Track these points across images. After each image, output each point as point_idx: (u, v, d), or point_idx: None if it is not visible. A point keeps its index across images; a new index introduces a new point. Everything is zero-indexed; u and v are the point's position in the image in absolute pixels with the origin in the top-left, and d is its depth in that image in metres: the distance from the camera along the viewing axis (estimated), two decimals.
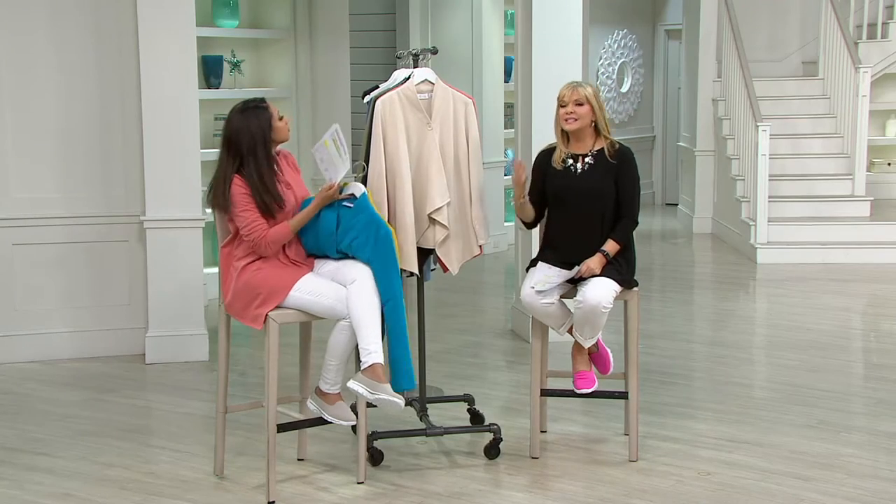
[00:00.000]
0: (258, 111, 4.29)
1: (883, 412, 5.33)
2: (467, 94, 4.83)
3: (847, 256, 9.26)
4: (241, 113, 4.29)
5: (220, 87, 7.99)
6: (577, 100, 4.59)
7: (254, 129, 4.26)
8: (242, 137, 4.26)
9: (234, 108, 4.33)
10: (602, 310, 4.49)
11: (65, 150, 6.25)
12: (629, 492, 4.34)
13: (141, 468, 4.64)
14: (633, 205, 4.65)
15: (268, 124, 4.29)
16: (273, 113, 4.32)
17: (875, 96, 10.57)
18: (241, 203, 4.25)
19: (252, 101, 4.34)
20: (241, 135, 4.26)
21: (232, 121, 4.30)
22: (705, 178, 11.15)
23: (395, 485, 4.42)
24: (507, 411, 5.32)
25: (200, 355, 6.29)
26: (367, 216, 4.33)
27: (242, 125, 4.27)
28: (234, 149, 4.28)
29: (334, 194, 4.31)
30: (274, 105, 4.38)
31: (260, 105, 4.32)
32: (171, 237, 6.22)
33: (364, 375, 4.20)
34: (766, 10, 11.51)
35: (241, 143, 4.26)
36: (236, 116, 4.30)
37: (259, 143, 4.27)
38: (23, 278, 6.26)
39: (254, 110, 4.29)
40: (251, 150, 4.26)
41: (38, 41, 6.15)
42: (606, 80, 12.91)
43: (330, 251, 4.39)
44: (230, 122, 4.31)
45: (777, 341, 6.82)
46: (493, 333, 7.04)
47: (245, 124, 4.27)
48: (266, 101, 4.35)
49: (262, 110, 4.30)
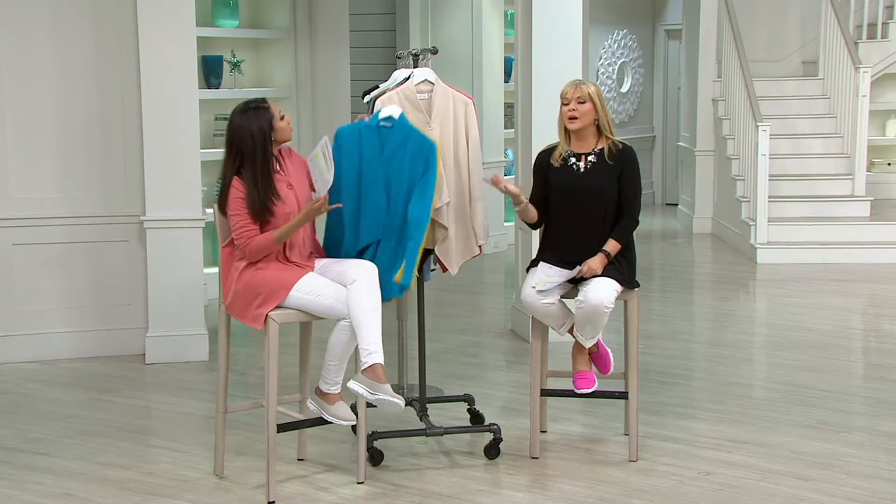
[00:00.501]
0: (259, 111, 4.29)
1: (883, 412, 5.33)
2: (467, 95, 4.83)
3: (847, 256, 9.25)
4: (242, 114, 4.29)
5: (220, 87, 7.99)
6: (580, 97, 4.59)
7: (254, 130, 4.25)
8: (242, 139, 4.25)
9: (235, 109, 4.33)
10: (604, 310, 4.49)
11: (65, 150, 6.25)
12: (629, 492, 4.34)
13: (141, 468, 4.64)
14: (634, 204, 4.65)
15: (268, 125, 4.28)
16: (274, 113, 4.31)
17: (875, 96, 10.57)
18: (233, 206, 4.25)
19: (253, 101, 4.34)
20: (241, 136, 4.26)
21: (233, 122, 4.30)
22: (705, 178, 11.15)
23: (395, 485, 4.42)
24: (507, 411, 5.32)
25: (200, 355, 6.29)
26: (406, 132, 4.50)
27: (243, 126, 4.26)
28: (234, 150, 4.28)
29: (321, 208, 4.26)
30: (276, 105, 4.38)
31: (261, 105, 4.31)
32: (171, 237, 6.22)
33: (364, 376, 4.20)
34: (766, 10, 11.51)
35: (241, 144, 4.26)
36: (237, 117, 4.29)
37: (258, 144, 4.25)
38: (23, 278, 6.26)
39: (254, 111, 4.29)
40: (250, 152, 4.25)
41: (38, 41, 6.15)
42: (606, 80, 12.91)
43: (377, 173, 4.46)
44: (231, 123, 4.31)
45: (777, 341, 6.82)
46: (493, 333, 7.03)
47: (245, 125, 4.26)
48: (267, 101, 4.34)
49: (263, 111, 4.29)
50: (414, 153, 4.52)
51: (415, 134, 4.54)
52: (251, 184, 4.24)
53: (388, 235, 4.53)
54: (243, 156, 4.26)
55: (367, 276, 4.26)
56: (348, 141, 4.57)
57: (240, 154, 4.26)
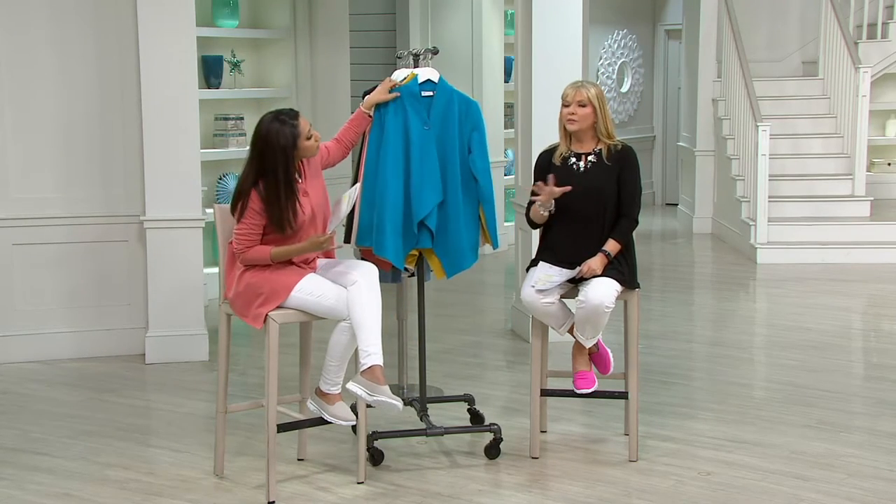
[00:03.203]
0: (286, 126, 4.19)
1: (883, 412, 5.33)
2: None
3: (847, 256, 9.25)
4: (271, 122, 4.21)
5: (220, 87, 7.98)
6: (580, 101, 4.59)
7: (278, 142, 4.16)
8: (266, 152, 4.18)
9: (266, 115, 4.25)
10: (604, 309, 4.49)
11: (65, 150, 6.25)
12: (629, 492, 4.34)
13: (141, 468, 4.64)
14: (633, 204, 4.65)
15: (293, 142, 4.18)
16: (302, 131, 4.22)
17: (875, 96, 10.57)
18: (246, 215, 4.22)
19: (285, 112, 4.26)
20: (265, 148, 4.18)
21: (261, 128, 4.22)
22: (705, 178, 11.15)
23: (395, 485, 4.42)
24: (507, 411, 5.32)
25: (200, 355, 6.29)
26: (449, 95, 4.67)
27: (270, 136, 4.18)
28: (257, 158, 4.22)
29: (323, 245, 4.23)
30: (307, 120, 4.28)
31: (290, 120, 4.22)
32: (171, 237, 6.22)
33: (363, 377, 4.21)
34: (766, 10, 11.51)
35: (264, 157, 4.19)
36: (265, 125, 4.21)
37: (280, 162, 4.18)
38: (23, 278, 6.26)
39: (283, 124, 4.19)
40: (272, 168, 4.18)
41: (39, 41, 6.15)
42: (606, 80, 12.91)
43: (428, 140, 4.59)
44: (258, 131, 4.23)
45: (777, 341, 6.82)
46: (493, 333, 7.04)
47: (273, 137, 4.17)
48: (298, 117, 4.25)
49: (292, 127, 4.20)
50: (461, 114, 4.66)
51: (458, 95, 4.69)
52: (273, 197, 4.18)
53: (452, 196, 4.65)
54: (265, 166, 4.20)
55: (366, 277, 4.26)
56: (393, 113, 4.60)
57: (262, 164, 4.20)
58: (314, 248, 4.26)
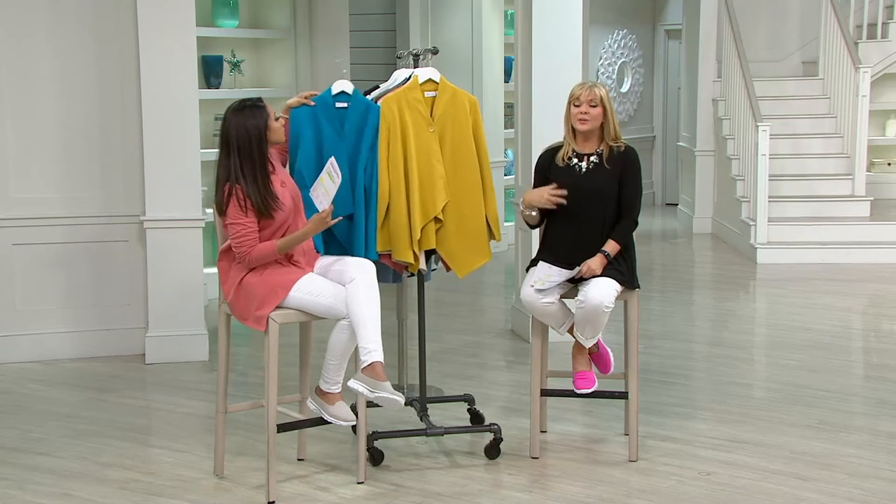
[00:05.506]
0: (255, 111, 4.26)
1: (883, 412, 5.34)
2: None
3: (847, 256, 9.26)
4: (237, 112, 4.27)
5: (220, 87, 7.99)
6: (592, 101, 4.60)
7: (250, 129, 4.23)
8: (238, 138, 4.23)
9: (230, 107, 4.31)
10: (604, 309, 4.49)
11: (65, 150, 6.25)
12: (629, 492, 4.34)
13: (141, 468, 4.64)
14: (634, 205, 4.65)
15: (264, 124, 4.25)
16: (270, 113, 4.29)
17: (875, 96, 10.57)
18: (233, 214, 4.21)
19: (249, 100, 4.31)
20: (236, 135, 4.23)
21: (228, 120, 4.27)
22: (705, 178, 11.16)
23: (395, 485, 4.42)
24: (507, 411, 5.32)
25: (200, 355, 6.29)
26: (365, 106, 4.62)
27: (238, 125, 4.24)
28: (229, 149, 4.25)
29: (327, 219, 4.26)
30: (271, 105, 4.36)
31: (257, 105, 4.28)
32: (171, 237, 6.22)
33: (364, 374, 4.20)
34: (766, 10, 11.51)
35: (237, 143, 4.23)
36: (232, 116, 4.27)
37: (255, 144, 4.23)
38: (23, 278, 6.26)
39: (250, 109, 4.26)
40: (247, 152, 4.22)
41: (38, 42, 6.15)
42: (606, 80, 12.91)
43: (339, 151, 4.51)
44: (226, 122, 4.28)
45: (777, 341, 6.82)
46: (493, 333, 7.04)
47: (241, 124, 4.23)
48: (263, 101, 4.32)
49: (259, 109, 4.27)
50: (374, 125, 4.60)
51: (374, 107, 4.63)
52: (251, 184, 4.22)
53: (358, 210, 4.59)
54: (240, 154, 4.23)
55: (365, 274, 4.26)
56: (305, 121, 4.59)
57: (235, 152, 4.23)
58: (321, 227, 4.28)
